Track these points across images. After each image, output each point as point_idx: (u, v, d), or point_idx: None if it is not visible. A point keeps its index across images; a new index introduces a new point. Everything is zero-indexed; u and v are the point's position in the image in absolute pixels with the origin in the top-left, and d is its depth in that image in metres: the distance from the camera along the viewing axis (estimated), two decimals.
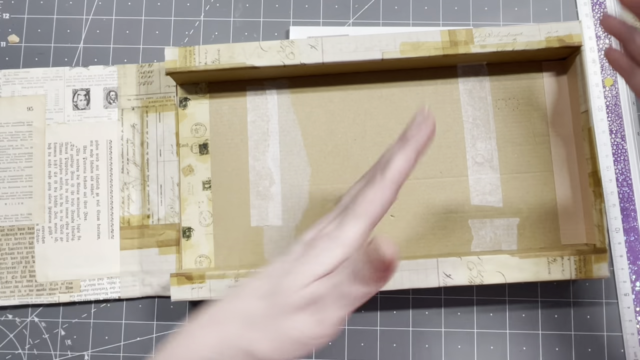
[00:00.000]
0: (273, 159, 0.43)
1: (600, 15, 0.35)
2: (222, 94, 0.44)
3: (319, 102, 0.44)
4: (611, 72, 0.45)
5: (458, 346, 0.42)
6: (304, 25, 0.46)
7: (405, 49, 0.40)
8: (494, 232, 0.42)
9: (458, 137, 0.43)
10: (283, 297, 0.26)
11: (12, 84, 0.45)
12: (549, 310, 0.43)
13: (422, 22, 0.46)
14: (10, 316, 0.44)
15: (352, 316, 0.43)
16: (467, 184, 0.43)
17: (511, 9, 0.46)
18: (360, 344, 0.43)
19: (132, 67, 0.45)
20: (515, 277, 0.38)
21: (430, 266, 0.38)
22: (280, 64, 0.40)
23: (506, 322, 0.43)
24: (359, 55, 0.40)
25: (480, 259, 0.38)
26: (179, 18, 0.47)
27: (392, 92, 0.44)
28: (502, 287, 0.43)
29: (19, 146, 0.45)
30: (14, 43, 0.46)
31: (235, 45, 0.40)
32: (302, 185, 0.43)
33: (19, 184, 0.44)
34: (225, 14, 0.47)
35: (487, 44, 0.40)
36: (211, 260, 0.42)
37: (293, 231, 0.43)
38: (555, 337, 0.42)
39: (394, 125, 0.43)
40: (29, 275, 0.43)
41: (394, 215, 0.42)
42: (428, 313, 0.43)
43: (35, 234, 0.44)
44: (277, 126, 0.44)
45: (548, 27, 0.40)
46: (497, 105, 0.43)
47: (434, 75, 0.43)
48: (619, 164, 0.44)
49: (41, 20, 0.47)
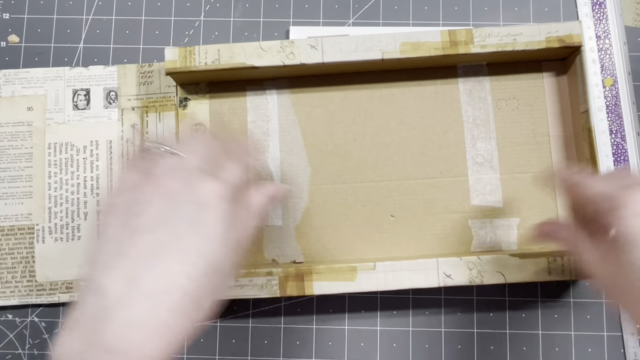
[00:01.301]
0: (273, 159, 0.43)
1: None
2: (222, 94, 0.44)
3: (319, 102, 0.44)
4: (611, 72, 0.45)
5: (458, 346, 0.42)
6: (304, 25, 0.46)
7: (405, 49, 0.40)
8: (494, 232, 0.42)
9: (458, 137, 0.43)
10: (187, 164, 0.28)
11: (12, 84, 0.45)
12: (549, 310, 0.43)
13: (422, 22, 0.46)
14: (10, 316, 0.44)
15: (352, 316, 0.43)
16: (467, 184, 0.43)
17: (511, 9, 0.46)
18: (360, 344, 0.43)
19: (132, 67, 0.45)
20: (515, 277, 0.38)
21: (430, 266, 0.38)
22: (280, 64, 0.40)
23: (506, 322, 0.43)
24: (359, 55, 0.40)
25: (480, 259, 0.38)
26: (179, 18, 0.47)
27: (392, 92, 0.44)
28: (502, 287, 0.43)
29: (19, 146, 0.45)
30: (14, 43, 0.46)
31: (235, 45, 0.40)
32: (302, 185, 0.43)
33: (19, 184, 0.44)
34: (225, 14, 0.47)
35: (487, 44, 0.40)
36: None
37: (293, 231, 0.43)
38: (555, 337, 0.42)
39: (394, 125, 0.43)
40: (29, 275, 0.43)
41: (394, 215, 0.43)
42: (428, 313, 0.43)
43: (35, 234, 0.44)
44: (277, 126, 0.44)
45: (548, 27, 0.40)
46: (497, 105, 0.43)
47: (434, 75, 0.43)
48: (619, 164, 0.44)
49: (41, 20, 0.47)
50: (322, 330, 0.43)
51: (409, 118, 0.43)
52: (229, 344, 0.43)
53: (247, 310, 0.43)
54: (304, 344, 0.43)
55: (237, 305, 0.43)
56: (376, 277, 0.38)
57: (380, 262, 0.38)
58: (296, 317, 0.43)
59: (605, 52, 0.45)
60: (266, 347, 0.43)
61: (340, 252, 0.42)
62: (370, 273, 0.38)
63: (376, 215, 0.43)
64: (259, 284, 0.38)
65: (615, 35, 0.45)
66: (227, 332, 0.43)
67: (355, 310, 0.43)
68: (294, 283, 0.38)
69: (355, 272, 0.38)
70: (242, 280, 0.38)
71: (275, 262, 0.42)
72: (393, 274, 0.38)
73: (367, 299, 0.43)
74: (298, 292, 0.38)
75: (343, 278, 0.38)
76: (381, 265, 0.38)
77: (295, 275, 0.38)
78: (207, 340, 0.43)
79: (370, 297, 0.43)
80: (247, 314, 0.43)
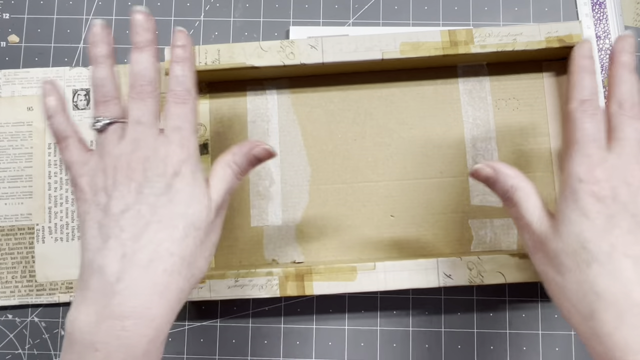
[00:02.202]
0: (273, 159, 0.43)
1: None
2: (222, 94, 0.44)
3: (319, 102, 0.44)
4: None
5: (458, 346, 0.42)
6: (304, 25, 0.46)
7: (405, 49, 0.40)
8: (494, 232, 0.42)
9: (458, 137, 0.43)
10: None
11: (12, 84, 0.45)
12: (549, 310, 0.43)
13: (422, 22, 0.46)
14: (10, 316, 0.44)
15: (352, 316, 0.43)
16: (467, 184, 0.43)
17: (511, 9, 0.46)
18: (360, 344, 0.43)
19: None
20: (515, 277, 0.38)
21: (430, 266, 0.38)
22: (280, 64, 0.40)
23: (506, 322, 0.43)
24: (359, 55, 0.40)
25: (480, 259, 0.38)
26: (179, 18, 0.47)
27: (392, 92, 0.44)
28: (502, 287, 0.43)
29: (19, 146, 0.45)
30: (14, 43, 0.46)
31: (235, 45, 0.40)
32: (302, 185, 0.43)
33: (19, 184, 0.44)
34: (225, 14, 0.47)
35: (487, 44, 0.40)
36: (211, 261, 0.42)
37: (293, 231, 0.43)
38: (555, 337, 0.42)
39: (394, 125, 0.43)
40: (29, 275, 0.43)
41: (394, 215, 0.43)
42: (428, 313, 0.43)
43: (35, 234, 0.44)
44: (277, 126, 0.44)
45: (548, 27, 0.40)
46: (497, 105, 0.43)
47: (434, 75, 0.43)
48: None
49: (41, 20, 0.47)
50: (322, 330, 0.43)
51: (409, 118, 0.43)
52: (229, 344, 0.43)
53: (247, 310, 0.43)
54: (304, 344, 0.43)
55: (237, 305, 0.43)
56: (376, 277, 0.38)
57: (380, 262, 0.38)
58: (296, 317, 0.43)
59: (605, 52, 0.45)
60: (266, 347, 0.43)
61: (340, 252, 0.42)
62: (370, 273, 0.38)
63: (376, 215, 0.43)
64: (259, 284, 0.38)
65: (615, 35, 0.45)
66: (227, 332, 0.43)
67: (355, 310, 0.43)
68: (294, 283, 0.38)
69: (355, 272, 0.38)
70: (242, 280, 0.38)
71: (275, 262, 0.42)
72: (393, 274, 0.38)
73: (367, 299, 0.43)
74: (298, 292, 0.38)
75: (343, 278, 0.38)
76: (381, 265, 0.38)
77: (295, 275, 0.38)
78: (207, 340, 0.43)
79: (370, 297, 0.43)
80: (247, 314, 0.43)
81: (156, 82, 0.30)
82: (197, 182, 0.29)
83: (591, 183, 0.28)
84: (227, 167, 0.31)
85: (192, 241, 0.28)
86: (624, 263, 0.27)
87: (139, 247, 0.27)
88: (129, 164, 0.28)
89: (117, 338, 0.26)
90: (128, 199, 0.27)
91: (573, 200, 0.28)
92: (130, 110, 0.29)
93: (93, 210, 0.28)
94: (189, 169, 0.29)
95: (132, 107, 0.29)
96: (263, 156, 0.32)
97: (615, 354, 0.26)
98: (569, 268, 0.28)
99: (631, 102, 0.29)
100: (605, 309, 0.26)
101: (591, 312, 0.27)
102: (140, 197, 0.28)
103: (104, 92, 0.30)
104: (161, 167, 0.28)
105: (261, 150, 0.32)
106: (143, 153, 0.28)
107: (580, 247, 0.28)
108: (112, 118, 0.29)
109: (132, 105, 0.29)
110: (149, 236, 0.27)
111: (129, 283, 0.26)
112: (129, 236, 0.27)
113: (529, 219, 0.30)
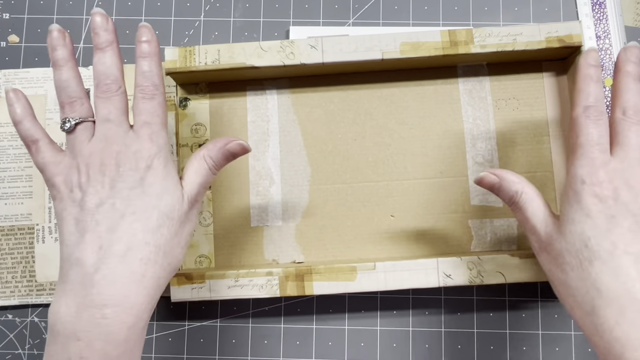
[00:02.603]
0: (273, 159, 0.43)
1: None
2: (222, 94, 0.44)
3: (319, 102, 0.44)
4: (611, 73, 0.45)
5: (458, 346, 0.42)
6: (304, 25, 0.46)
7: (405, 49, 0.40)
8: (494, 232, 0.42)
9: (458, 137, 0.43)
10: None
11: (12, 84, 0.45)
12: (549, 310, 0.43)
13: (422, 22, 0.46)
14: (10, 316, 0.44)
15: (352, 316, 0.43)
16: (467, 184, 0.43)
17: (511, 9, 0.46)
18: (360, 344, 0.43)
19: (132, 67, 0.45)
20: (515, 277, 0.38)
21: (430, 266, 0.38)
22: (280, 64, 0.40)
23: (506, 322, 0.43)
24: (359, 55, 0.40)
25: (480, 259, 0.38)
26: (179, 18, 0.47)
27: (392, 92, 0.44)
28: (502, 287, 0.43)
29: (19, 146, 0.45)
30: (14, 43, 0.46)
31: (235, 45, 0.40)
32: (302, 185, 0.43)
33: (19, 184, 0.44)
34: (225, 14, 0.47)
35: (487, 44, 0.40)
36: (211, 261, 0.43)
37: (293, 231, 0.43)
38: (555, 337, 0.42)
39: (394, 125, 0.43)
40: (29, 275, 0.43)
41: (394, 215, 0.43)
42: (428, 313, 0.43)
43: (35, 234, 0.44)
44: (277, 126, 0.44)
45: (548, 27, 0.40)
46: (497, 105, 0.43)
47: (434, 75, 0.43)
48: None
49: (41, 20, 0.47)
50: (322, 330, 0.43)
51: (409, 118, 0.43)
52: (229, 344, 0.43)
53: (247, 310, 0.43)
54: (304, 344, 0.43)
55: (237, 305, 0.43)
56: (376, 277, 0.38)
57: (380, 262, 0.38)
58: (296, 317, 0.43)
59: (605, 52, 0.45)
60: (266, 347, 0.43)
61: (340, 252, 0.42)
62: (370, 273, 0.38)
63: (376, 215, 0.43)
64: (259, 284, 0.38)
65: (615, 35, 0.45)
66: (227, 332, 0.43)
67: (355, 310, 0.43)
68: (294, 283, 0.38)
69: (355, 272, 0.38)
70: (242, 280, 0.38)
71: (275, 262, 0.42)
72: (393, 274, 0.38)
73: (367, 299, 0.43)
74: (298, 292, 0.38)
75: (343, 278, 0.38)
76: (381, 265, 0.38)
77: (295, 275, 0.38)
78: (207, 340, 0.43)
79: (370, 297, 0.43)
80: (247, 314, 0.43)
81: (121, 80, 0.31)
82: (169, 175, 0.30)
83: (593, 184, 0.29)
84: (202, 161, 0.32)
85: (167, 230, 0.29)
86: (625, 260, 0.27)
87: (115, 238, 0.28)
88: (102, 160, 0.29)
89: (97, 326, 0.26)
90: (102, 194, 0.28)
91: (576, 201, 0.29)
92: (97, 109, 0.30)
93: (69, 206, 0.29)
94: (160, 162, 0.30)
95: (99, 106, 0.30)
96: (237, 151, 0.33)
97: (615, 348, 0.26)
98: (572, 266, 0.29)
99: (634, 108, 0.30)
100: (606, 305, 0.27)
101: (593, 308, 0.28)
102: (114, 191, 0.29)
103: (68, 93, 0.31)
104: (133, 162, 0.29)
105: (236, 146, 0.32)
106: (114, 149, 0.29)
107: (582, 245, 0.28)
108: (79, 118, 0.30)
109: (98, 104, 0.30)
110: (124, 227, 0.28)
111: (107, 273, 0.27)
112: (104, 229, 0.28)
113: (533, 222, 0.32)
